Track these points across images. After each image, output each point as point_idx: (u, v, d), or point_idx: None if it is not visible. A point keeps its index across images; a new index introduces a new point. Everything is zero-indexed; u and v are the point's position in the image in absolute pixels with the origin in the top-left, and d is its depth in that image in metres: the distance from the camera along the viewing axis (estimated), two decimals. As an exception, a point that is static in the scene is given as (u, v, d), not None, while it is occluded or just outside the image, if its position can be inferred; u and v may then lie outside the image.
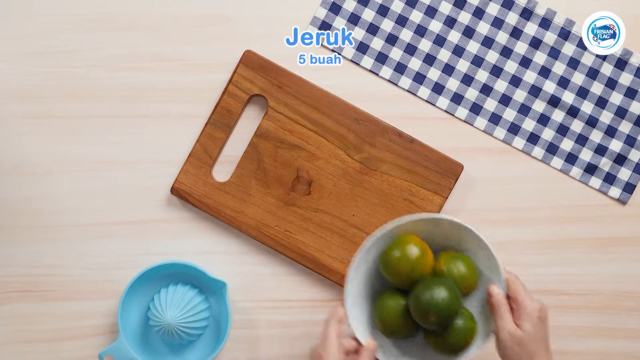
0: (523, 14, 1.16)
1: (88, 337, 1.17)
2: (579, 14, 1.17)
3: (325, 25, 1.17)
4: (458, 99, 1.17)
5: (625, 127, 1.17)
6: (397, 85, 1.18)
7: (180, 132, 1.17)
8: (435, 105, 1.18)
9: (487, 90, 1.17)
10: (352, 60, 1.18)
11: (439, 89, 1.17)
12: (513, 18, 1.16)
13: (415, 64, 1.17)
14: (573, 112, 1.17)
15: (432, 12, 1.17)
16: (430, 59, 1.17)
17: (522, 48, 1.17)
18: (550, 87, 1.17)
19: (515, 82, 1.17)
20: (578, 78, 1.17)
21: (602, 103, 1.17)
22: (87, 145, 1.17)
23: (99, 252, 1.17)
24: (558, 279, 1.17)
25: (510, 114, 1.17)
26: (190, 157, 1.16)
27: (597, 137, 1.17)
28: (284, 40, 1.17)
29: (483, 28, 1.17)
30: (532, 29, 1.16)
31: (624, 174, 1.17)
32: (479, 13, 1.17)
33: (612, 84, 1.17)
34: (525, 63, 1.17)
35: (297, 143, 1.16)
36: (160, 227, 1.17)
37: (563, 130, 1.17)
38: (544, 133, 1.17)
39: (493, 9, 1.16)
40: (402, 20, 1.17)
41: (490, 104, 1.17)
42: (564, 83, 1.17)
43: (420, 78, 1.17)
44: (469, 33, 1.17)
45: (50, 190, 1.17)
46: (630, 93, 1.17)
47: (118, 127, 1.17)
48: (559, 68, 1.17)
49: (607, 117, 1.17)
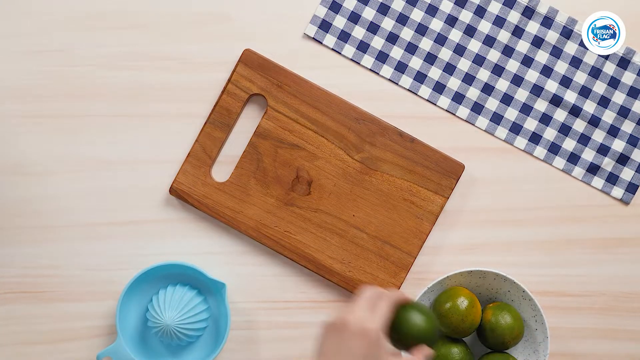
0: (525, 13, 1.16)
1: (86, 338, 1.16)
2: (581, 13, 1.16)
3: (326, 24, 1.17)
4: (459, 98, 1.17)
5: (628, 126, 1.16)
6: (397, 85, 1.17)
7: (179, 131, 1.16)
8: (437, 105, 1.17)
9: (488, 90, 1.16)
10: (352, 59, 1.17)
11: (440, 88, 1.17)
12: (515, 17, 1.16)
13: (416, 63, 1.17)
14: (575, 111, 1.16)
15: (433, 10, 1.16)
16: (432, 58, 1.17)
17: (524, 47, 1.16)
18: (553, 86, 1.16)
19: (517, 81, 1.16)
20: (580, 77, 1.16)
21: (604, 102, 1.16)
22: (85, 145, 1.17)
23: (97, 252, 1.16)
24: (560, 280, 1.17)
25: (512, 114, 1.16)
26: (189, 156, 1.15)
27: (599, 136, 1.16)
28: (284, 39, 1.17)
29: (484, 27, 1.16)
30: (534, 28, 1.16)
31: (627, 174, 1.16)
32: (481, 11, 1.16)
33: (614, 83, 1.16)
34: (527, 62, 1.16)
35: (296, 143, 1.15)
36: (159, 227, 1.17)
37: (565, 130, 1.16)
38: (546, 133, 1.16)
39: (495, 8, 1.16)
40: (402, 19, 1.16)
41: (492, 104, 1.16)
42: (566, 82, 1.16)
43: (421, 77, 1.17)
44: (471, 32, 1.16)
45: (48, 190, 1.17)
46: (633, 92, 1.16)
47: (116, 126, 1.17)
48: (561, 67, 1.16)
49: (609, 116, 1.16)
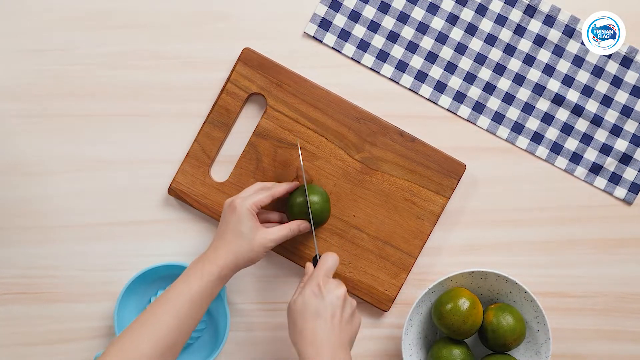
0: (527, 11, 1.15)
1: (84, 339, 1.16)
2: (584, 11, 1.16)
3: (326, 23, 1.16)
4: (461, 98, 1.16)
5: (631, 126, 1.15)
6: (398, 84, 1.16)
7: (178, 131, 1.16)
8: (438, 104, 1.16)
9: (490, 89, 1.16)
10: (352, 58, 1.16)
11: (441, 88, 1.16)
12: (517, 15, 1.15)
13: (417, 62, 1.16)
14: (578, 110, 1.15)
15: (434, 9, 1.15)
16: (433, 57, 1.16)
17: (525, 46, 1.15)
18: (555, 85, 1.15)
19: (519, 80, 1.15)
20: (583, 76, 1.15)
21: (607, 102, 1.15)
22: (83, 145, 1.16)
23: (96, 253, 1.16)
24: (562, 281, 1.17)
25: (514, 113, 1.16)
26: (188, 156, 1.15)
27: (602, 136, 1.16)
28: (284, 38, 1.16)
29: (486, 25, 1.15)
30: (536, 26, 1.15)
31: (630, 174, 1.16)
32: (482, 10, 1.15)
33: (617, 82, 1.15)
34: (529, 61, 1.15)
35: (296, 142, 1.14)
36: (158, 227, 1.16)
37: (567, 130, 1.16)
38: (548, 132, 1.16)
39: (496, 6, 1.15)
40: (403, 18, 1.16)
41: (494, 103, 1.16)
42: (569, 81, 1.15)
43: (422, 76, 1.16)
44: (472, 30, 1.16)
45: (47, 190, 1.16)
46: (636, 91, 1.15)
47: (115, 126, 1.16)
48: (564, 66, 1.15)
49: (612, 116, 1.15)
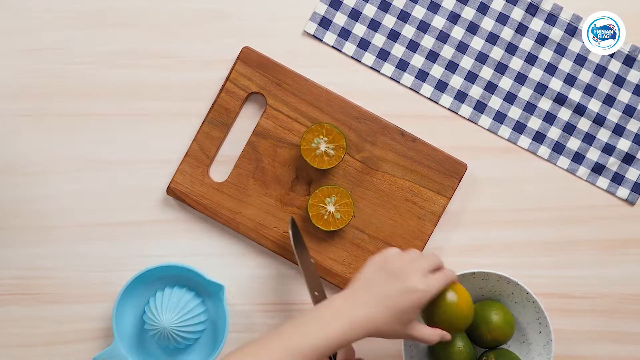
0: (528, 10, 1.14)
1: (83, 340, 1.15)
2: (586, 10, 1.15)
3: (326, 21, 1.15)
4: (462, 97, 1.15)
5: (634, 125, 1.15)
6: (399, 83, 1.16)
7: (177, 130, 1.15)
8: (439, 103, 1.16)
9: (491, 88, 1.15)
10: (353, 57, 1.16)
11: (442, 87, 1.15)
12: (518, 14, 1.14)
13: (418, 61, 1.15)
14: (580, 110, 1.15)
15: (435, 7, 1.15)
16: (433, 56, 1.15)
17: (527, 44, 1.15)
18: (557, 84, 1.15)
19: (521, 79, 1.15)
20: (585, 75, 1.14)
21: (609, 101, 1.15)
22: (82, 144, 1.16)
23: (94, 253, 1.16)
24: (564, 282, 1.16)
25: (516, 112, 1.15)
26: (187, 156, 1.14)
27: (604, 136, 1.15)
28: (283, 37, 1.15)
29: (487, 24, 1.15)
30: (537, 25, 1.14)
31: (633, 174, 1.15)
32: (484, 9, 1.15)
33: (620, 82, 1.15)
34: (531, 60, 1.15)
35: (296, 142, 1.14)
36: (156, 228, 1.16)
37: (570, 129, 1.15)
38: (550, 132, 1.15)
39: (498, 5, 1.14)
40: (404, 16, 1.15)
41: (495, 102, 1.15)
42: (571, 80, 1.15)
43: (423, 75, 1.15)
44: (473, 29, 1.15)
45: (44, 191, 1.16)
46: (639, 91, 1.14)
47: (113, 125, 1.16)
48: (566, 65, 1.15)
49: (615, 115, 1.15)
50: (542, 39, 1.15)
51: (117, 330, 1.10)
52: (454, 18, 1.15)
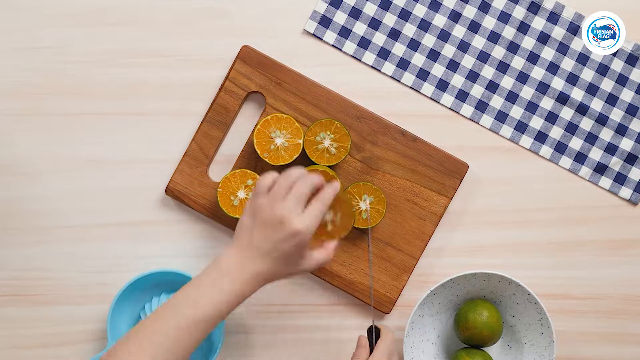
0: (530, 8, 1.14)
1: (79, 343, 1.15)
2: (588, 8, 1.14)
3: (326, 20, 1.14)
4: (463, 96, 1.14)
5: (637, 125, 1.14)
6: (399, 82, 1.15)
7: (175, 130, 1.15)
8: (440, 103, 1.15)
9: (493, 87, 1.14)
10: (353, 56, 1.15)
11: (444, 86, 1.14)
12: (520, 12, 1.14)
13: (419, 60, 1.14)
14: (582, 109, 1.14)
15: (436, 5, 1.14)
16: (434, 55, 1.14)
17: (529, 43, 1.14)
18: (559, 83, 1.14)
19: (523, 78, 1.14)
20: (587, 74, 1.14)
21: (612, 100, 1.14)
22: (78, 144, 1.15)
23: (91, 254, 1.15)
24: (566, 283, 1.15)
25: (517, 112, 1.14)
26: (186, 156, 1.13)
27: (607, 135, 1.14)
28: (283, 35, 1.15)
29: (489, 22, 1.14)
30: (539, 24, 1.14)
31: (635, 174, 1.14)
32: (485, 7, 1.14)
33: (622, 81, 1.14)
34: (533, 59, 1.14)
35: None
36: (155, 228, 1.15)
37: (572, 129, 1.14)
38: (552, 131, 1.14)
39: (499, 3, 1.14)
40: (405, 15, 1.14)
41: (497, 102, 1.14)
42: (573, 79, 1.14)
43: (424, 74, 1.14)
44: (475, 28, 1.14)
45: (41, 191, 1.15)
46: (642, 90, 1.14)
47: (111, 125, 1.15)
48: (568, 64, 1.14)
49: (617, 114, 1.14)
50: (544, 38, 1.14)
51: (111, 336, 1.09)
52: (455, 16, 1.14)
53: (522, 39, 1.14)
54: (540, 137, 1.15)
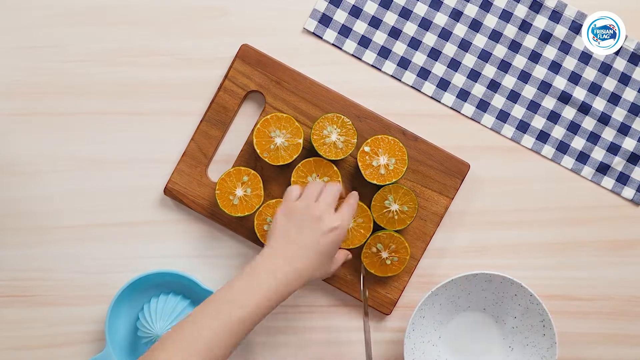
0: (532, 7, 1.13)
1: (77, 344, 1.14)
2: (591, 7, 1.14)
3: (326, 18, 1.14)
4: (464, 96, 1.14)
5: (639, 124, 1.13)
6: (400, 81, 1.14)
7: (174, 129, 1.14)
8: (441, 102, 1.14)
9: (494, 86, 1.14)
10: (353, 55, 1.14)
11: (445, 85, 1.14)
12: (522, 11, 1.13)
13: (420, 59, 1.14)
14: (584, 109, 1.13)
15: (437, 4, 1.13)
16: (435, 54, 1.14)
17: (531, 42, 1.13)
18: (561, 82, 1.13)
19: (524, 77, 1.13)
20: (590, 73, 1.13)
21: (615, 99, 1.13)
22: (77, 144, 1.15)
23: (89, 255, 1.15)
24: (568, 283, 1.15)
25: (519, 111, 1.14)
26: (185, 156, 1.13)
27: (609, 135, 1.14)
28: (283, 34, 1.14)
29: (490, 21, 1.13)
30: (541, 22, 1.13)
31: (638, 174, 1.14)
32: (487, 5, 1.13)
33: (625, 80, 1.13)
34: (535, 58, 1.13)
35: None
36: (153, 229, 1.14)
37: (574, 128, 1.14)
38: (554, 131, 1.14)
39: (501, 1, 1.13)
40: (405, 13, 1.13)
41: (498, 101, 1.14)
42: (575, 79, 1.13)
43: (425, 73, 1.14)
44: (476, 26, 1.13)
45: (39, 191, 1.15)
46: (645, 89, 1.13)
47: (109, 124, 1.15)
48: (570, 63, 1.13)
49: (620, 114, 1.13)
50: (546, 37, 1.13)
51: (109, 337, 1.09)
52: (457, 15, 1.13)
53: (524, 38, 1.13)
54: (542, 136, 1.14)
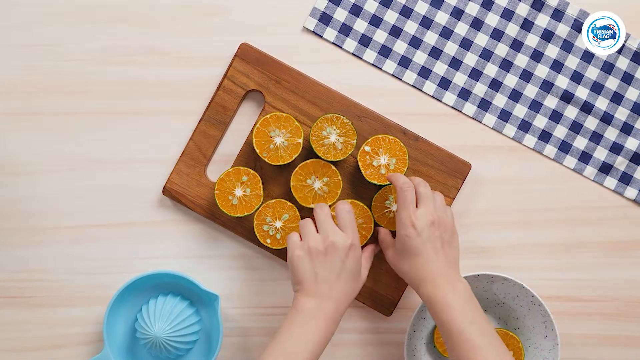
0: (534, 5, 1.12)
1: (75, 345, 1.14)
2: (592, 5, 1.13)
3: (326, 17, 1.13)
4: (465, 95, 1.13)
5: (642, 124, 1.13)
6: (401, 80, 1.14)
7: (173, 129, 1.14)
8: (442, 101, 1.14)
9: (496, 86, 1.13)
10: (354, 54, 1.14)
11: (446, 84, 1.13)
12: (524, 9, 1.12)
13: (421, 58, 1.13)
14: (587, 108, 1.13)
15: (438, 3, 1.13)
16: (437, 53, 1.13)
17: (533, 41, 1.12)
18: (563, 82, 1.13)
19: (526, 76, 1.13)
20: (592, 72, 1.12)
21: (617, 99, 1.13)
22: (74, 144, 1.14)
23: (87, 256, 1.14)
24: (571, 284, 1.14)
25: (521, 111, 1.13)
26: (183, 155, 1.12)
27: (612, 134, 1.13)
28: (282, 33, 1.14)
29: (492, 20, 1.12)
30: (543, 21, 1.12)
31: (641, 174, 1.13)
32: (488, 4, 1.13)
33: (628, 79, 1.13)
34: (537, 57, 1.13)
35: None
36: (152, 229, 1.14)
37: (576, 128, 1.13)
38: (557, 130, 1.13)
39: (502, 0, 1.12)
40: (406, 12, 1.13)
41: (500, 100, 1.13)
42: (578, 78, 1.13)
43: (426, 72, 1.13)
44: (477, 25, 1.13)
45: (36, 191, 1.14)
46: (648, 88, 1.13)
47: (107, 124, 1.14)
48: (572, 62, 1.13)
49: (622, 113, 1.13)
50: (548, 35, 1.12)
51: (107, 338, 1.08)
52: (458, 14, 1.13)
53: (525, 37, 1.13)
54: (544, 136, 1.13)
